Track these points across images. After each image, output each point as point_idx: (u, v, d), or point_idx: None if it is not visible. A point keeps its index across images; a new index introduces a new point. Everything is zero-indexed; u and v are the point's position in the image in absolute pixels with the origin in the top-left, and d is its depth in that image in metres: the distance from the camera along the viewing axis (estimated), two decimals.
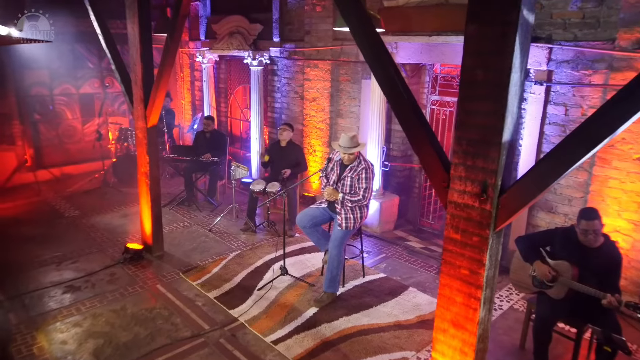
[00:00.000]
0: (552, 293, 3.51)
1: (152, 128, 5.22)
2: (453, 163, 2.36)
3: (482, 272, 2.34)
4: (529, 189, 2.15)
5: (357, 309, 4.46)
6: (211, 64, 8.93)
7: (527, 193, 2.16)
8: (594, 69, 4.38)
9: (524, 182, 2.16)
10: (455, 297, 2.47)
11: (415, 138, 2.58)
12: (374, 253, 5.77)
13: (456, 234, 2.41)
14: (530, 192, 2.15)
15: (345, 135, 4.40)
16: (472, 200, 2.31)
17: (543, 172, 2.10)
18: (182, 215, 6.89)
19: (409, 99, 2.59)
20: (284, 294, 4.71)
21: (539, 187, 2.13)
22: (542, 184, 2.12)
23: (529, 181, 2.15)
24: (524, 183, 2.16)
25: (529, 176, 2.15)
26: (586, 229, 3.32)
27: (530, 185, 2.15)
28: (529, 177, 2.14)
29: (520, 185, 2.17)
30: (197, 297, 4.67)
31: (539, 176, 2.11)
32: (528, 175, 2.15)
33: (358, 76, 6.56)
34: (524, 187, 2.17)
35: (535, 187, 2.13)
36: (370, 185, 4.42)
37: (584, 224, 3.33)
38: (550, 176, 2.08)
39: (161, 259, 5.49)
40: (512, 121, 2.19)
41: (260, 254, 5.60)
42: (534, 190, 2.14)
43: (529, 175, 2.15)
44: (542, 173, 2.10)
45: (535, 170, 2.12)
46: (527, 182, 2.16)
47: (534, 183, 2.13)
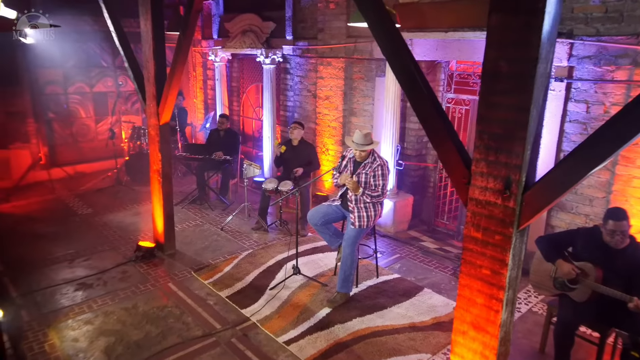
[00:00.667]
0: (575, 296, 3.39)
1: (164, 125, 5.19)
2: (474, 159, 2.27)
3: (505, 272, 2.25)
4: (556, 186, 2.05)
5: (371, 310, 4.37)
6: (224, 62, 8.90)
7: (553, 190, 2.06)
8: (617, 65, 4.24)
9: (550, 179, 2.06)
10: (475, 299, 2.38)
11: (434, 134, 2.49)
12: (387, 253, 5.67)
13: (477, 233, 2.32)
14: (557, 188, 2.05)
15: (358, 132, 4.32)
16: (495, 197, 2.22)
17: (571, 168, 2.00)
18: (194, 214, 6.86)
19: (429, 94, 2.50)
20: (296, 293, 4.64)
21: (566, 183, 2.03)
22: (569, 180, 2.02)
23: (556, 177, 2.05)
24: (550, 179, 2.06)
25: (555, 172, 2.05)
26: (614, 230, 3.19)
27: (556, 181, 2.05)
28: (556, 173, 2.04)
29: (546, 181, 2.07)
30: (209, 296, 4.62)
31: (566, 172, 2.01)
32: (554, 171, 2.05)
33: (372, 74, 6.47)
34: (550, 183, 2.06)
35: (562, 183, 2.03)
36: (387, 182, 4.34)
37: (612, 225, 3.20)
38: (578, 172, 1.98)
39: (173, 257, 5.46)
40: (537, 114, 2.09)
41: (272, 253, 5.54)
42: (560, 187, 2.04)
43: (556, 171, 2.05)
44: (569, 169, 2.00)
45: (563, 166, 2.02)
46: (553, 178, 2.05)
47: (560, 179, 2.03)
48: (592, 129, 4.50)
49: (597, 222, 4.61)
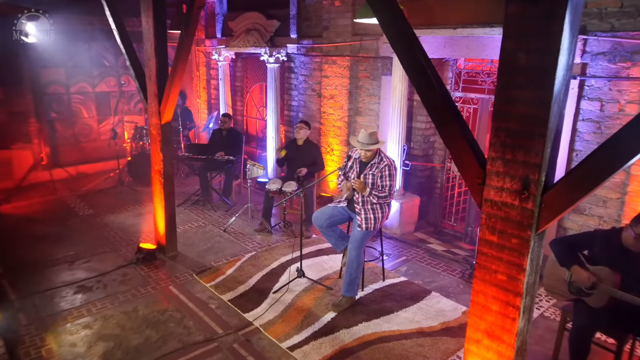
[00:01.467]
0: (591, 301, 3.25)
1: (166, 124, 5.09)
2: (489, 157, 2.14)
3: (522, 277, 2.11)
4: (578, 186, 1.92)
5: (378, 315, 4.24)
6: (227, 61, 8.80)
7: (575, 190, 1.93)
8: (633, 61, 4.10)
9: (572, 178, 1.93)
10: (490, 305, 2.25)
11: (447, 131, 2.36)
12: (394, 255, 5.54)
13: (492, 236, 2.19)
14: (580, 189, 1.92)
15: (364, 131, 4.19)
16: (512, 198, 2.09)
17: (595, 167, 1.86)
18: (197, 215, 6.75)
19: (441, 90, 2.37)
20: (300, 297, 4.52)
21: (590, 183, 1.90)
22: (593, 180, 1.88)
23: (578, 177, 1.91)
24: (572, 179, 1.93)
25: (578, 171, 1.91)
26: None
27: (579, 181, 1.91)
28: (578, 172, 1.91)
29: (568, 181, 1.94)
30: (211, 299, 4.50)
31: (590, 171, 1.88)
32: (577, 170, 1.92)
33: (378, 72, 6.34)
34: (572, 183, 1.93)
35: (585, 183, 1.90)
36: (394, 182, 4.21)
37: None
38: (603, 171, 1.85)
39: (174, 259, 5.35)
40: (558, 109, 1.96)
41: (276, 256, 5.42)
42: (583, 187, 1.91)
43: (578, 170, 1.91)
44: (594, 167, 1.87)
45: (586, 164, 1.89)
46: (575, 177, 1.92)
47: (583, 179, 1.90)
48: (606, 127, 4.36)
49: (612, 224, 4.49)
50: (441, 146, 6.25)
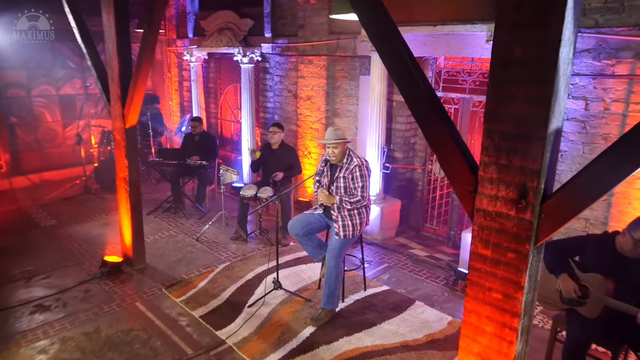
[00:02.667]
0: (585, 311, 3.07)
1: (131, 129, 4.75)
2: (482, 162, 1.92)
3: (520, 296, 1.89)
4: (582, 194, 1.71)
5: (359, 328, 3.99)
6: (200, 62, 8.47)
7: (578, 198, 1.72)
8: (618, 58, 3.96)
9: (575, 185, 1.71)
10: (484, 327, 2.02)
11: (432, 132, 2.13)
12: (375, 263, 5.31)
13: (486, 250, 1.96)
14: (584, 197, 1.70)
15: (329, 129, 3.97)
16: (507, 207, 1.86)
17: (602, 171, 1.65)
18: (168, 224, 6.40)
19: (425, 87, 2.14)
20: (277, 311, 4.24)
21: (596, 191, 1.68)
22: (600, 187, 1.67)
23: (583, 184, 1.70)
24: (575, 186, 1.71)
25: (581, 177, 1.70)
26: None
27: (583, 189, 1.70)
28: (582, 179, 1.70)
29: (571, 189, 1.72)
30: (181, 316, 4.19)
31: (596, 177, 1.67)
32: (581, 177, 1.70)
33: (356, 72, 6.12)
34: (576, 191, 1.72)
35: (591, 191, 1.69)
36: (367, 184, 3.95)
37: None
38: (612, 177, 1.64)
39: (142, 272, 5.01)
40: (559, 108, 1.75)
41: (251, 266, 5.13)
42: (588, 195, 1.70)
43: (582, 176, 1.70)
44: (600, 172, 1.65)
45: (592, 170, 1.67)
46: (579, 185, 1.71)
47: (588, 186, 1.69)
48: (592, 127, 4.22)
49: (598, 227, 4.36)
50: (422, 148, 6.07)
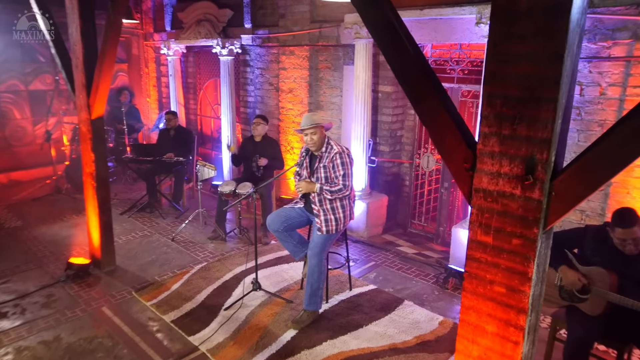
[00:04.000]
0: (587, 308, 2.83)
1: (97, 120, 4.41)
2: (481, 134, 1.65)
3: (527, 289, 1.63)
4: (600, 167, 1.45)
5: (344, 330, 3.71)
6: (177, 56, 8.12)
7: (597, 171, 1.46)
8: (614, 40, 3.76)
9: (593, 156, 1.46)
10: (485, 326, 1.75)
11: (424, 106, 1.86)
12: (361, 261, 5.03)
13: (486, 236, 1.69)
14: (604, 170, 1.45)
15: (305, 115, 3.69)
16: (512, 185, 1.60)
17: (625, 139, 1.40)
18: (143, 223, 6.05)
19: (415, 53, 1.88)
20: (256, 313, 3.94)
21: (617, 162, 1.43)
22: (621, 157, 1.42)
23: (601, 154, 1.44)
24: (593, 157, 1.46)
25: (601, 147, 1.45)
26: (623, 239, 2.65)
27: (602, 160, 1.45)
28: (602, 148, 1.44)
29: (588, 160, 1.47)
30: (151, 321, 3.85)
31: (617, 146, 1.41)
32: (600, 146, 1.45)
33: (339, 62, 5.86)
34: (594, 162, 1.46)
35: (610, 162, 1.43)
36: (349, 172, 3.67)
37: (620, 233, 2.65)
38: (636, 144, 1.39)
39: (112, 274, 4.65)
40: (571, 66, 1.49)
41: (229, 266, 4.81)
42: (608, 167, 1.44)
43: (603, 144, 1.45)
44: (623, 140, 1.40)
45: (612, 138, 1.42)
46: (598, 155, 1.45)
47: (608, 157, 1.43)
48: (587, 113, 4.01)
49: (595, 219, 4.14)
50: (409, 141, 5.82)
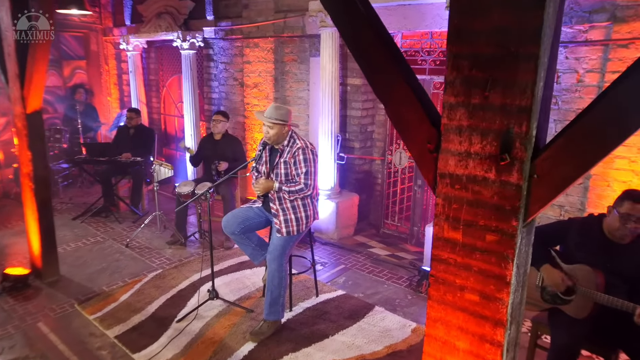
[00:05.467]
0: (572, 310, 2.56)
1: (34, 114, 3.98)
2: (446, 104, 1.34)
3: (505, 296, 1.32)
4: (598, 138, 1.15)
5: (308, 341, 3.36)
6: (138, 51, 7.68)
7: (592, 146, 1.16)
8: (591, 22, 3.53)
9: (588, 124, 1.16)
10: (455, 342, 1.43)
11: (379, 76, 1.54)
12: (330, 265, 4.70)
13: (455, 232, 1.38)
14: (600, 143, 1.15)
15: (272, 105, 3.32)
16: (484, 168, 1.29)
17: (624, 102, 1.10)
18: (96, 229, 5.59)
19: (369, 16, 1.55)
20: (211, 325, 3.56)
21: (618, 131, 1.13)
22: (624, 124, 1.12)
23: (599, 121, 1.14)
24: (588, 125, 1.16)
25: (597, 111, 1.15)
26: (629, 214, 2.38)
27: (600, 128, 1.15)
28: (599, 113, 1.14)
29: (581, 130, 1.17)
30: (92, 337, 3.44)
31: (618, 109, 1.12)
32: (595, 111, 1.15)
33: (306, 54, 5.53)
34: (589, 133, 1.16)
35: (610, 131, 1.13)
36: (311, 170, 3.32)
37: (628, 207, 2.39)
38: None
39: (54, 285, 4.21)
40: (554, 15, 1.19)
41: (187, 273, 4.42)
42: (607, 138, 1.14)
43: (598, 109, 1.15)
44: (626, 101, 1.10)
45: (610, 101, 1.12)
46: (593, 123, 1.15)
47: (608, 123, 1.13)
48: (564, 102, 3.78)
49: (574, 215, 3.91)
50: (380, 137, 5.53)
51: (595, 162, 1.15)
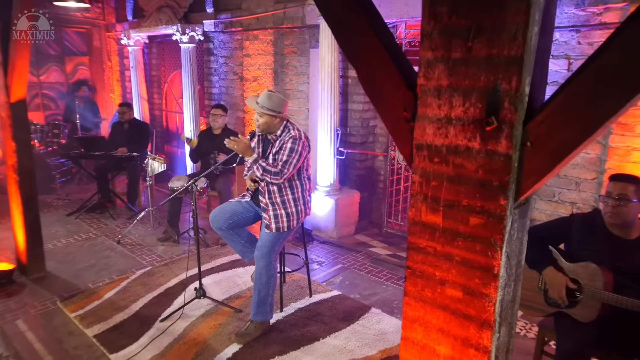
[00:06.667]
0: (578, 313, 2.31)
1: (18, 103, 3.84)
2: (423, 61, 1.12)
3: (492, 292, 1.09)
4: (610, 88, 0.92)
5: (297, 344, 3.15)
6: (139, 47, 7.56)
7: (602, 100, 0.93)
8: (605, 4, 3.27)
9: (597, 73, 0.93)
10: (435, 346, 1.21)
11: (349, 32, 1.32)
12: (327, 264, 4.48)
13: (434, 214, 1.16)
14: (614, 94, 0.92)
15: (265, 92, 3.11)
16: (467, 135, 1.07)
17: None
18: (90, 225, 5.45)
19: None
20: (196, 325, 3.37)
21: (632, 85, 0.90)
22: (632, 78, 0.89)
23: (608, 71, 0.91)
24: (597, 74, 0.93)
25: (613, 55, 0.92)
26: (609, 192, 2.23)
27: (615, 75, 0.92)
28: (606, 59, 0.91)
29: (587, 81, 0.94)
30: (70, 336, 3.27)
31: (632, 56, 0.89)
32: (602, 57, 0.92)
33: (305, 46, 5.33)
34: (598, 83, 0.93)
35: (627, 79, 0.90)
36: (293, 160, 3.04)
37: (609, 187, 2.25)
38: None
39: (39, 282, 4.06)
40: None
41: (176, 271, 4.23)
42: (622, 88, 0.91)
43: (606, 54, 0.92)
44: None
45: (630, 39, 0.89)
46: (598, 74, 0.92)
47: (625, 69, 0.90)
48: None
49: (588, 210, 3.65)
50: (383, 132, 5.30)
51: (606, 121, 0.92)
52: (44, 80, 8.04)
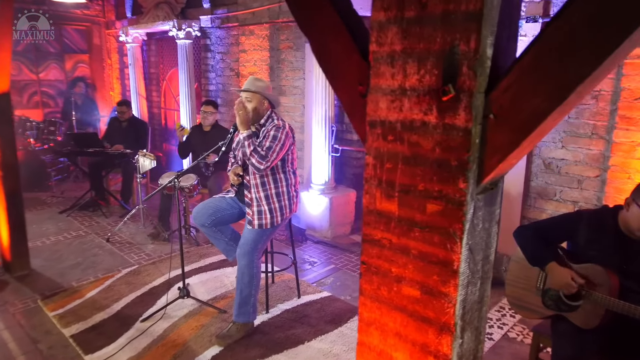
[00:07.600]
0: (578, 319, 2.13)
1: (1, 96, 3.74)
2: (374, 25, 0.97)
3: (452, 291, 0.94)
4: (584, 45, 0.77)
5: (281, 347, 3.00)
6: (138, 44, 7.48)
7: (574, 58, 0.78)
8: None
9: (567, 29, 0.78)
10: (392, 353, 1.06)
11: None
12: (320, 264, 4.33)
13: (389, 201, 1.01)
14: (588, 51, 0.77)
15: (250, 77, 3.06)
16: (423, 108, 0.92)
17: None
18: (81, 223, 5.36)
19: None
20: (178, 326, 3.23)
21: (604, 44, 0.74)
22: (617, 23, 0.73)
23: (587, 19, 0.76)
24: (567, 30, 0.78)
25: (573, 15, 0.76)
26: None
27: (590, 28, 0.76)
28: (576, 16, 0.76)
29: (556, 38, 0.79)
30: (47, 335, 3.15)
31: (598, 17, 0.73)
32: (570, 15, 0.77)
33: (301, 41, 5.20)
34: (569, 40, 0.78)
35: (600, 33, 0.75)
36: (276, 148, 2.92)
37: None
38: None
39: (23, 280, 3.96)
40: None
41: (163, 270, 4.11)
42: (595, 44, 0.76)
43: (575, 12, 0.76)
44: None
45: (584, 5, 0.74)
46: (566, 32, 0.77)
47: (599, 22, 0.75)
48: None
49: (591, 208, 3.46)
50: None
51: (582, 81, 0.76)
52: (43, 77, 7.99)
